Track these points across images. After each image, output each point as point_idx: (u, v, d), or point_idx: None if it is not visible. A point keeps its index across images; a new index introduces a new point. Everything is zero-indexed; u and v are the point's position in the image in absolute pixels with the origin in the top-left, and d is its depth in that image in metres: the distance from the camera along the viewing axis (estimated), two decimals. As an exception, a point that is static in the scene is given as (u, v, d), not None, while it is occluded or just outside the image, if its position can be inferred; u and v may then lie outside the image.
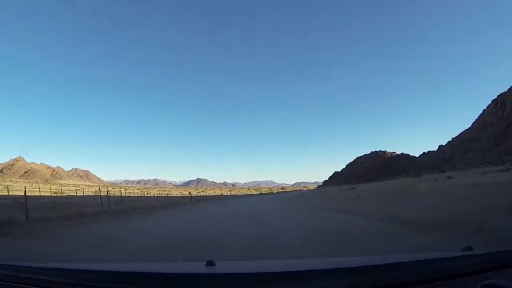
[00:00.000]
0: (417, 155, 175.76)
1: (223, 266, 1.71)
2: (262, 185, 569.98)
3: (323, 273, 1.34)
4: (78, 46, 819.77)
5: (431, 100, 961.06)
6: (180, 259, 5.21)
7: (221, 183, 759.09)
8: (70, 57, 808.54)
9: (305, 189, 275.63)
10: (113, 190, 66.46)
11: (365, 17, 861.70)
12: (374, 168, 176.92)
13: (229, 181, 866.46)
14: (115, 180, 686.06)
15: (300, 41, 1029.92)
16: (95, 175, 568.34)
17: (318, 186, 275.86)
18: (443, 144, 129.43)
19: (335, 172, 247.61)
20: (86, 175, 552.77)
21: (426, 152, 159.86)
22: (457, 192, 14.87)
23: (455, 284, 1.28)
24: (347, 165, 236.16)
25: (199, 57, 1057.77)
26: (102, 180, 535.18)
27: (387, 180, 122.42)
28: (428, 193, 17.60)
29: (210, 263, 1.55)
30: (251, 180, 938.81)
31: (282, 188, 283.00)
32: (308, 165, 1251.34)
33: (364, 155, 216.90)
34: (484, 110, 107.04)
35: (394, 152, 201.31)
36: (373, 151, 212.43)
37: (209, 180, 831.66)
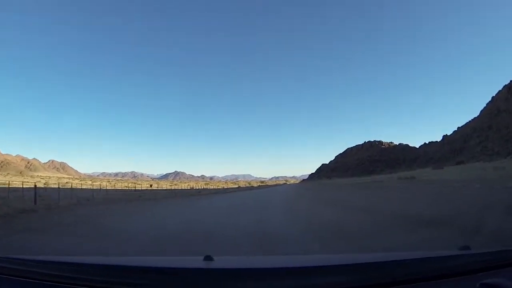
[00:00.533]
0: (416, 146, 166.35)
1: (221, 261, 1.71)
2: (240, 179, 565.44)
3: (322, 270, 1.35)
4: (51, 33, 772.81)
5: (428, 89, 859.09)
6: (183, 250, 5.42)
7: (198, 177, 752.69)
8: (46, 45, 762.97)
9: (287, 183, 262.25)
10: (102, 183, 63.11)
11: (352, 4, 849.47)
12: (370, 159, 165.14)
13: (207, 174, 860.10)
14: (92, 173, 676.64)
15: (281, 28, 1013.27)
16: (72, 167, 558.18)
17: (303, 180, 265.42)
18: (448, 134, 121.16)
19: (322, 165, 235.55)
20: (62, 167, 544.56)
21: (427, 142, 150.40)
22: None
23: (454, 283, 1.28)
24: (336, 156, 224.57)
25: (174, 49, 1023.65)
26: (79, 172, 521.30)
27: (388, 173, 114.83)
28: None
29: (208, 258, 1.53)
30: (228, 174, 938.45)
31: (262, 182, 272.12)
32: (288, 159, 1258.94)
33: (357, 145, 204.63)
34: (493, 96, 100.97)
35: (391, 143, 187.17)
36: (367, 141, 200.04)
37: (187, 173, 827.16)
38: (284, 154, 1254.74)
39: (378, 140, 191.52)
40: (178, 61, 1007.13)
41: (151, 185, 72.00)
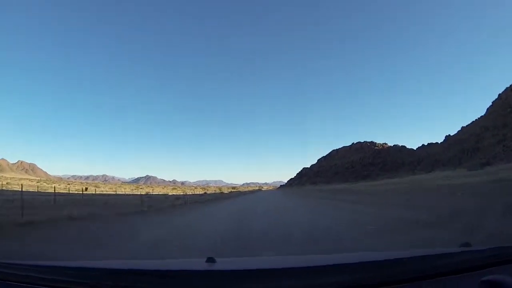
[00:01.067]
0: (414, 148, 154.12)
1: (223, 263, 1.70)
2: (211, 184, 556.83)
3: (323, 270, 1.35)
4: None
5: (421, 88, 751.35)
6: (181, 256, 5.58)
7: (170, 181, 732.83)
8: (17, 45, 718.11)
9: (262, 189, 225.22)
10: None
11: None
12: (362, 162, 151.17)
13: (179, 179, 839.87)
14: (63, 175, 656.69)
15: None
16: (41, 169, 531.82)
17: (281, 186, 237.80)
18: (451, 134, 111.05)
19: (304, 169, 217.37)
20: (32, 168, 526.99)
21: (426, 144, 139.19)
22: None
23: (455, 280, 1.29)
24: (319, 160, 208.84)
25: (143, 52, 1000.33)
26: (49, 174, 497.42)
27: (387, 177, 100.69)
28: None
29: (211, 260, 1.54)
30: (200, 179, 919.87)
31: (233, 188, 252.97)
32: (260, 165, 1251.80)
33: (343, 147, 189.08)
34: (500, 94, 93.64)
35: (385, 144, 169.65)
36: (355, 142, 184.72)
37: (158, 177, 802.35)
38: (256, 161, 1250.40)
39: (370, 141, 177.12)
40: (152, 62, 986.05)
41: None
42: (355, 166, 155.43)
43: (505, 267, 1.37)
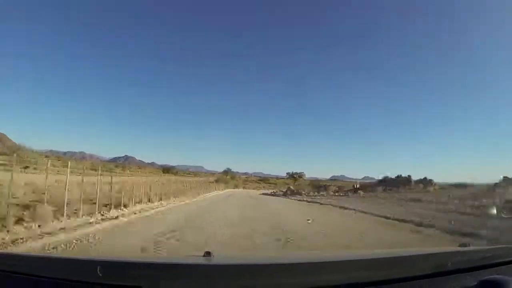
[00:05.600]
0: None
1: (221, 258, 1.76)
2: (191, 169, 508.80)
3: (320, 266, 1.35)
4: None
5: None
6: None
7: (149, 163, 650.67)
8: None
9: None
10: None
11: None
12: None
13: (158, 162, 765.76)
14: (39, 149, 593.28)
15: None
16: (11, 140, 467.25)
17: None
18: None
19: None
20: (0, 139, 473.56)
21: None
22: None
23: (454, 280, 1.27)
24: None
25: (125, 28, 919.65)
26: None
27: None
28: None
29: (208, 254, 1.55)
30: (180, 164, 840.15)
31: (212, 174, 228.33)
32: (247, 154, 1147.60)
33: None
34: None
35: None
36: None
37: (137, 158, 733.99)
38: (241, 149, 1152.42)
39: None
40: (133, 49, 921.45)
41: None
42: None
43: (505, 267, 1.36)
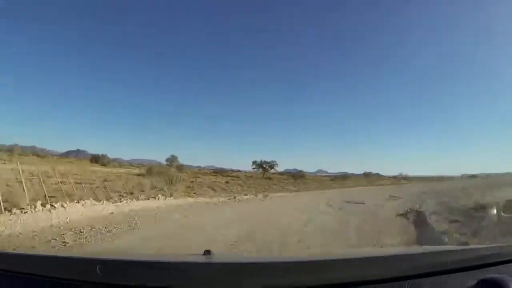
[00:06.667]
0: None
1: (220, 256, 1.79)
2: (146, 163, 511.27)
3: (319, 265, 1.37)
4: None
5: None
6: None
7: (100, 156, 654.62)
8: None
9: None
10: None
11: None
12: None
13: (110, 155, 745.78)
14: None
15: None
16: None
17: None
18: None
19: None
20: None
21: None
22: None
23: (454, 279, 1.27)
24: None
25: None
26: None
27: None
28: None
29: (207, 253, 1.58)
30: (135, 158, 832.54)
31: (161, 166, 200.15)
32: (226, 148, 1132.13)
33: None
34: None
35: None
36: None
37: (89, 152, 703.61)
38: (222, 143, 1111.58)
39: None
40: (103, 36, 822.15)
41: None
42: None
43: (504, 266, 1.35)
